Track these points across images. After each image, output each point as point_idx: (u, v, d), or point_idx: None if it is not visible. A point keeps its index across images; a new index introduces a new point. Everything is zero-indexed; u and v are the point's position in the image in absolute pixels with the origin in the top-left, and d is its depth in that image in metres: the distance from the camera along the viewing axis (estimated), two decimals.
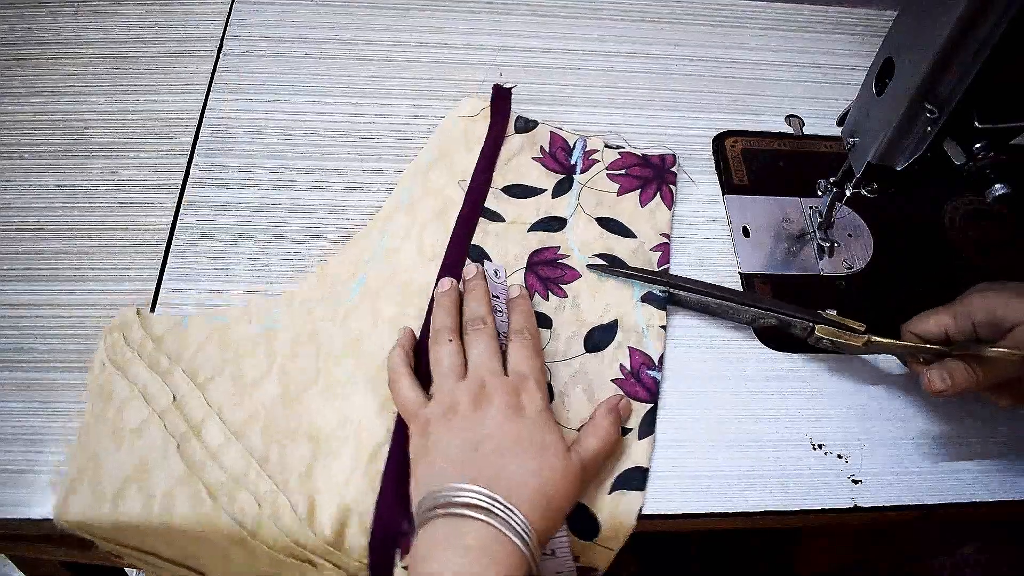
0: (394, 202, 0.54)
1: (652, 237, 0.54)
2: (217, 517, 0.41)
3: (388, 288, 0.50)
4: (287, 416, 0.45)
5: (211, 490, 0.42)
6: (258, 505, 0.42)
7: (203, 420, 0.44)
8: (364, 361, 0.47)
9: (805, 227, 0.57)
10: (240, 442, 0.43)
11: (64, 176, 0.54)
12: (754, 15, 0.70)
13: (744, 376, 0.50)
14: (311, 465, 0.43)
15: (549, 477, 0.40)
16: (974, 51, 0.39)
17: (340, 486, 0.43)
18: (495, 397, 0.42)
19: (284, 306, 0.49)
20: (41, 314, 0.48)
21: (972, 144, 0.43)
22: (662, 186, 0.57)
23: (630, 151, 0.58)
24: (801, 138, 0.62)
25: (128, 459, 0.42)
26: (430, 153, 0.56)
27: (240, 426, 0.44)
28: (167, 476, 0.42)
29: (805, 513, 0.46)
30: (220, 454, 0.43)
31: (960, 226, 0.58)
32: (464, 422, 0.41)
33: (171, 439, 0.43)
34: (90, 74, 0.59)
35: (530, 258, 0.52)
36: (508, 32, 0.66)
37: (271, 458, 0.43)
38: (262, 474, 0.42)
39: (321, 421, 0.45)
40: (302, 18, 0.64)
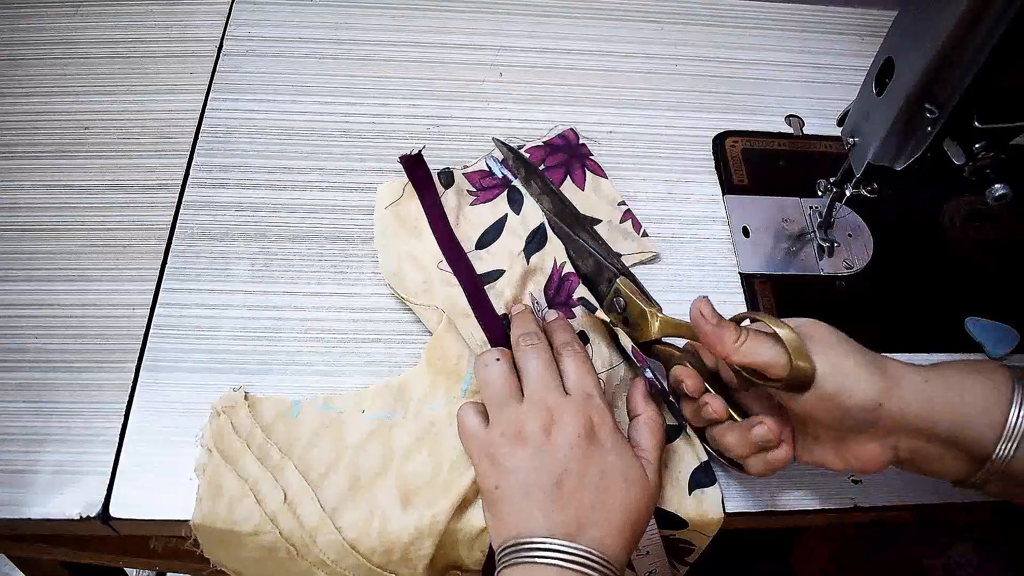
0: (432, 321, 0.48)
1: (612, 211, 0.55)
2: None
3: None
4: (406, 518, 0.42)
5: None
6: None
7: (320, 525, 0.41)
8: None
9: (805, 227, 0.57)
10: (359, 548, 0.41)
11: (64, 176, 0.54)
12: (754, 15, 0.70)
13: None
14: (434, 558, 0.42)
15: (635, 507, 0.39)
16: (974, 51, 0.39)
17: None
18: (566, 423, 0.40)
19: (398, 395, 0.46)
20: (41, 314, 0.48)
21: (972, 144, 0.43)
22: (584, 161, 0.57)
23: (533, 145, 0.58)
24: (801, 138, 0.62)
25: (251, 555, 0.42)
26: (389, 264, 0.50)
27: (359, 529, 0.41)
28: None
29: (805, 513, 0.46)
30: (338, 563, 0.41)
31: (960, 226, 0.58)
32: (537, 453, 0.39)
33: (289, 547, 0.41)
34: (90, 74, 0.59)
35: (545, 294, 0.51)
36: (508, 32, 0.65)
37: (393, 562, 0.41)
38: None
39: (439, 518, 0.42)
40: (302, 18, 0.64)
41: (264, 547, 0.41)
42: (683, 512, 0.44)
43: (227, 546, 0.42)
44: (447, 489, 0.42)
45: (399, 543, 0.41)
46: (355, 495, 0.42)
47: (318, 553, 0.41)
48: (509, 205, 0.54)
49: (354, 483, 0.43)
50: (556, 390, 0.41)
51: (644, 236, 0.54)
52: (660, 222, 0.56)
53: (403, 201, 0.53)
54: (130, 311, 0.48)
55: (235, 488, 0.42)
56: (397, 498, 0.42)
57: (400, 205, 0.53)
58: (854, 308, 0.54)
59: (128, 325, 0.48)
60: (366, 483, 0.43)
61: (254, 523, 0.41)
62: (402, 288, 0.49)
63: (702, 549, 0.46)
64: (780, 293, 0.53)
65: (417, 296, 0.49)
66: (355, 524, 0.42)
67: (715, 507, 0.44)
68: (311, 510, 0.41)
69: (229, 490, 0.42)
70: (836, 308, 0.53)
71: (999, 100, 0.41)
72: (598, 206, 0.55)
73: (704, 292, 0.53)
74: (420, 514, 0.42)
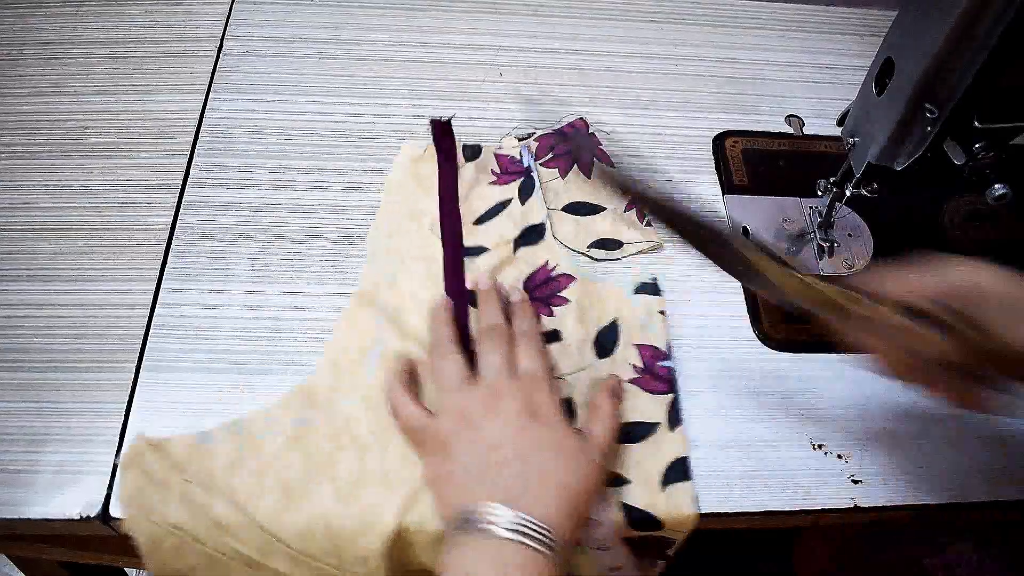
0: (373, 277, 0.51)
1: (618, 201, 0.56)
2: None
3: (406, 350, 0.48)
4: (349, 513, 0.42)
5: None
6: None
7: (265, 547, 0.42)
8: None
9: (805, 227, 0.57)
10: (308, 556, 0.42)
11: (64, 176, 0.54)
12: (754, 15, 0.70)
13: (744, 376, 0.50)
14: (385, 544, 0.42)
15: (572, 479, 0.40)
16: (974, 51, 0.39)
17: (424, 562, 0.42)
18: (508, 401, 0.42)
19: (306, 401, 0.46)
20: (41, 314, 0.48)
21: (972, 144, 0.43)
22: (595, 151, 0.58)
23: (542, 134, 0.59)
24: (801, 138, 0.62)
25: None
26: (388, 214, 0.53)
27: (302, 537, 0.42)
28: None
29: (805, 513, 0.46)
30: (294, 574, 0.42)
31: (960, 226, 0.58)
32: (478, 433, 0.41)
33: (241, 568, 0.41)
34: (90, 74, 0.59)
35: (526, 285, 0.51)
36: (508, 32, 0.65)
37: (345, 560, 0.42)
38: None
39: (385, 512, 0.42)
40: (302, 18, 0.64)
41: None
42: (655, 509, 0.44)
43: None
44: (385, 480, 0.43)
45: (345, 538, 0.42)
46: (291, 504, 0.42)
47: (275, 570, 0.41)
48: (518, 193, 0.55)
49: (287, 493, 0.43)
50: (506, 374, 0.43)
51: (648, 225, 0.55)
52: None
53: (423, 159, 0.56)
54: (130, 311, 0.48)
55: (171, 539, 0.41)
56: (333, 496, 0.43)
57: (420, 163, 0.55)
58: None
59: (128, 325, 0.48)
60: (299, 490, 0.43)
61: (204, 557, 0.41)
62: (383, 240, 0.52)
63: (681, 541, 0.46)
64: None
65: (398, 250, 0.51)
66: (300, 533, 0.42)
67: (688, 502, 0.44)
68: (253, 534, 0.41)
69: (166, 542, 0.41)
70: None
71: (999, 100, 0.41)
72: (603, 195, 0.56)
73: (704, 292, 0.53)
74: (360, 507, 0.42)
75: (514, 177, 0.56)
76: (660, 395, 0.48)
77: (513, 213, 0.54)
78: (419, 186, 0.55)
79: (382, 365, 0.47)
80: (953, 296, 0.39)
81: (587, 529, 0.43)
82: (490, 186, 0.55)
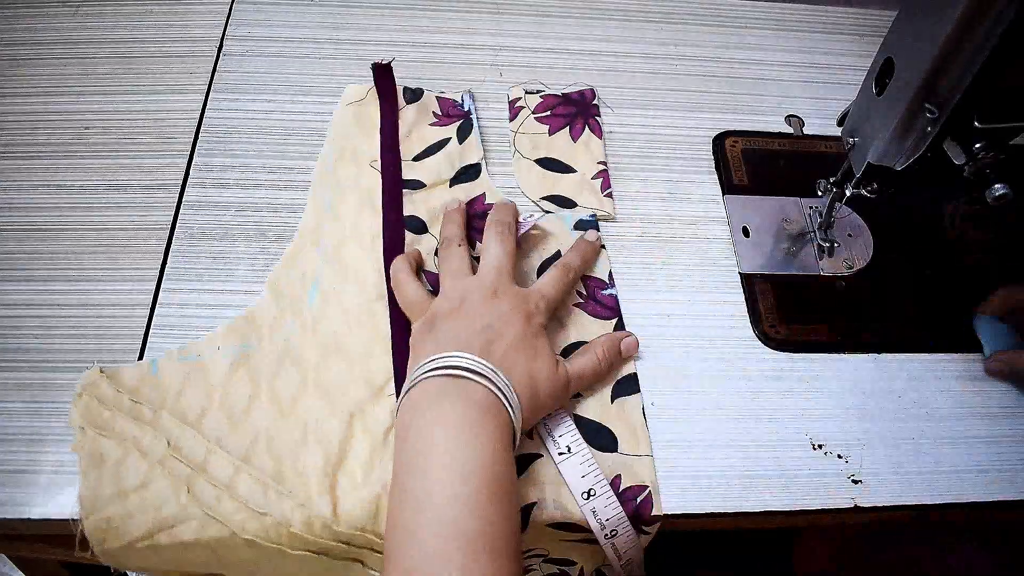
0: (315, 211, 0.53)
1: (591, 167, 0.57)
2: (252, 543, 0.41)
3: (345, 285, 0.50)
4: (289, 429, 0.45)
5: (234, 522, 0.41)
6: (289, 522, 0.41)
7: (206, 457, 0.43)
8: (349, 357, 0.47)
9: (805, 227, 0.57)
10: (249, 467, 0.43)
11: (64, 176, 0.54)
12: (754, 15, 0.70)
13: (744, 376, 0.50)
14: (326, 466, 0.43)
15: (538, 376, 0.43)
16: (974, 51, 0.39)
17: (362, 475, 0.43)
18: (506, 298, 0.45)
19: (248, 327, 0.48)
20: (41, 314, 0.48)
21: (972, 144, 0.43)
22: (588, 119, 0.60)
23: (551, 93, 0.61)
24: (801, 138, 0.62)
25: (143, 517, 0.41)
26: (332, 151, 0.56)
27: (245, 452, 0.43)
28: (188, 524, 0.41)
29: (805, 513, 0.46)
30: (233, 485, 0.42)
31: (960, 226, 0.58)
32: (473, 311, 0.44)
33: (181, 485, 0.42)
34: (90, 74, 0.59)
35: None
36: (508, 32, 0.65)
37: (286, 474, 0.43)
38: (282, 492, 0.42)
39: (324, 424, 0.45)
40: (302, 18, 0.64)
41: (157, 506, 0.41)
42: (607, 421, 0.47)
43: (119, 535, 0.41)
44: (327, 398, 0.46)
45: (286, 452, 0.44)
46: (235, 427, 0.44)
47: (206, 486, 0.42)
48: (456, 133, 0.58)
49: (231, 416, 0.45)
50: (508, 277, 0.47)
51: (607, 197, 0.56)
52: (660, 222, 0.56)
53: (365, 102, 0.58)
54: (130, 311, 0.48)
55: (116, 451, 0.43)
56: (276, 414, 0.45)
57: (361, 105, 0.58)
58: (854, 308, 0.54)
59: (128, 325, 0.48)
60: (242, 412, 0.45)
61: (141, 474, 0.42)
62: (325, 177, 0.54)
63: (651, 490, 0.45)
64: (780, 293, 0.53)
65: (339, 184, 0.54)
66: (240, 450, 0.44)
67: (638, 414, 0.47)
68: (196, 448, 0.43)
69: (110, 455, 0.43)
70: (836, 308, 0.53)
71: (999, 100, 0.41)
72: (580, 159, 0.58)
73: (704, 292, 0.53)
74: (301, 422, 0.45)
75: (454, 120, 0.58)
76: (605, 319, 0.51)
77: (451, 152, 0.57)
78: (361, 127, 0.57)
79: (322, 296, 0.49)
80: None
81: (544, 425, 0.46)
82: (430, 127, 0.58)
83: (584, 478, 0.44)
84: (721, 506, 0.45)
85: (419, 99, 0.59)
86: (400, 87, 0.59)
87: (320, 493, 0.42)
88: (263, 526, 0.41)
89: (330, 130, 0.57)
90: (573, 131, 0.59)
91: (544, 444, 0.46)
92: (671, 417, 0.48)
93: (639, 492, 0.45)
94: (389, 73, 0.58)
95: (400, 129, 0.57)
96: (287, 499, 0.42)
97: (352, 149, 0.56)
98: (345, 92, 0.59)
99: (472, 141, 0.57)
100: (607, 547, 0.43)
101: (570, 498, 0.44)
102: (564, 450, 0.45)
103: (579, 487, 0.44)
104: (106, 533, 0.41)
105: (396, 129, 0.57)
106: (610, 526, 0.43)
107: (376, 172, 0.55)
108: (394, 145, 0.56)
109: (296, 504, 0.42)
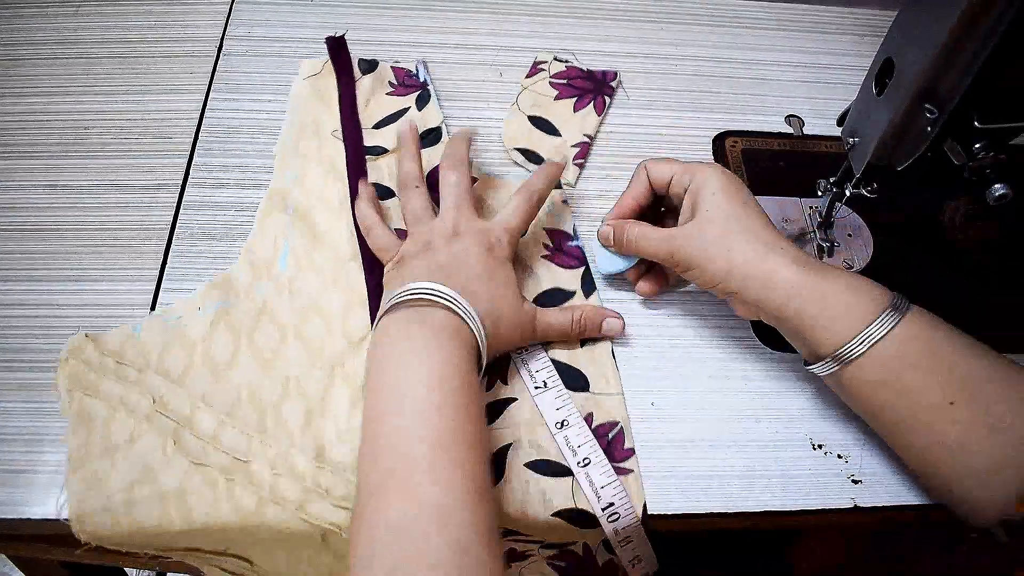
0: (281, 183, 0.54)
1: (575, 136, 0.59)
2: (235, 495, 0.42)
3: (316, 247, 0.51)
4: (272, 383, 0.46)
5: (220, 471, 0.42)
6: (271, 468, 0.43)
7: (191, 412, 0.44)
8: (327, 314, 0.49)
9: (805, 227, 0.57)
10: (233, 420, 0.44)
11: (64, 176, 0.54)
12: (754, 15, 0.70)
13: (744, 376, 0.50)
14: (308, 413, 0.45)
15: (501, 305, 0.45)
16: (974, 51, 0.39)
17: (345, 424, 0.45)
18: (467, 236, 0.47)
19: (225, 288, 0.49)
20: (41, 314, 0.48)
21: (972, 144, 0.43)
22: (597, 96, 0.61)
23: (576, 65, 0.63)
24: (801, 138, 0.62)
25: (129, 469, 0.42)
26: (292, 125, 0.57)
27: (229, 407, 0.45)
28: (173, 474, 0.42)
29: (805, 513, 0.46)
30: (219, 438, 0.44)
31: (960, 226, 0.58)
32: (435, 255, 0.46)
33: (166, 438, 0.43)
34: (90, 74, 0.59)
35: (428, 179, 0.54)
36: (508, 32, 0.66)
37: (268, 425, 0.44)
38: (266, 442, 0.44)
39: (305, 377, 0.46)
40: (302, 18, 0.64)
41: (143, 458, 0.42)
42: (578, 364, 0.49)
43: (104, 488, 0.42)
44: (307, 352, 0.47)
45: (270, 405, 0.45)
46: (219, 381, 0.45)
47: (192, 439, 0.43)
48: (415, 102, 0.59)
49: (214, 371, 0.46)
50: (469, 215, 0.48)
51: (576, 166, 0.58)
52: None
53: (322, 75, 0.60)
54: (130, 311, 0.48)
55: (103, 410, 0.44)
56: (257, 368, 0.46)
57: (318, 78, 0.60)
58: None
59: (128, 325, 0.48)
60: (224, 366, 0.46)
61: (128, 431, 0.43)
62: (288, 150, 0.55)
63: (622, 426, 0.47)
64: None
65: (304, 154, 0.55)
66: (224, 405, 0.45)
67: (606, 357, 0.49)
68: (181, 403, 0.44)
69: (98, 414, 0.44)
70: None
71: (999, 100, 0.41)
72: (569, 127, 0.59)
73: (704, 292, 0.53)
74: (282, 375, 0.46)
75: (411, 90, 0.60)
76: (572, 269, 0.53)
77: (411, 119, 0.58)
78: (319, 99, 0.58)
79: (295, 259, 0.51)
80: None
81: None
82: (388, 96, 0.60)
83: (558, 411, 0.47)
84: (721, 506, 0.45)
85: (374, 70, 0.60)
86: (355, 59, 0.61)
87: (303, 442, 0.44)
88: (247, 473, 0.43)
89: (289, 105, 0.58)
90: (579, 103, 0.61)
91: (521, 377, 0.48)
92: (671, 417, 0.48)
93: (611, 428, 0.47)
94: (343, 46, 0.61)
95: (358, 99, 0.59)
96: (271, 448, 0.43)
97: (313, 122, 0.57)
98: (301, 67, 0.60)
99: (431, 107, 0.59)
100: (581, 477, 0.44)
101: (545, 436, 0.46)
102: (540, 384, 0.47)
103: (553, 418, 0.46)
104: (91, 488, 0.42)
105: (354, 99, 0.58)
106: (582, 453, 0.45)
107: (338, 141, 0.56)
108: (354, 114, 0.58)
109: (280, 451, 0.43)
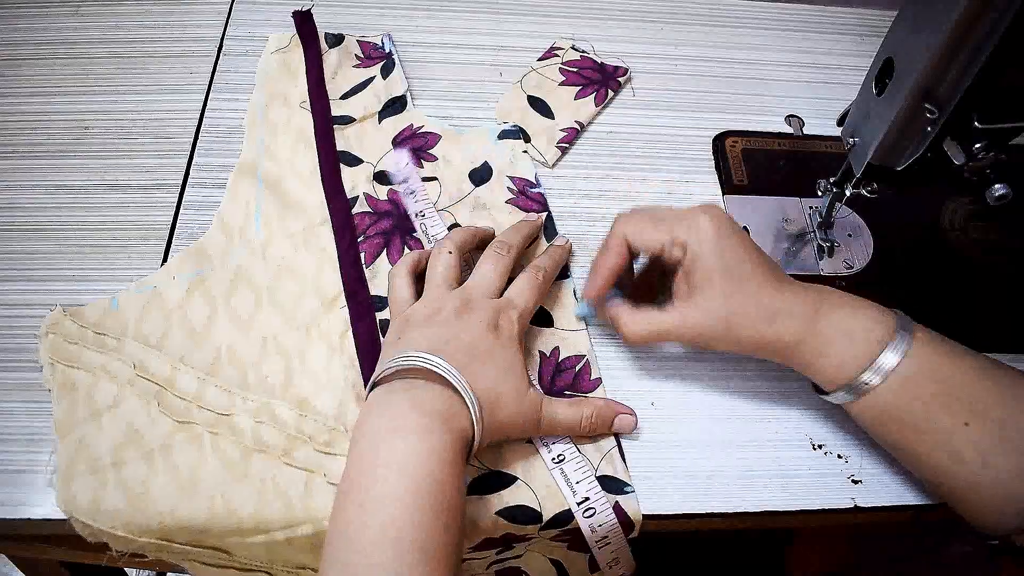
0: (251, 155, 0.55)
1: (567, 121, 0.59)
2: (220, 447, 0.43)
3: (287, 211, 0.52)
4: (250, 343, 0.47)
5: (205, 425, 0.43)
6: (254, 420, 0.44)
7: (172, 374, 0.45)
8: (300, 276, 0.50)
9: (805, 227, 0.57)
10: (215, 379, 0.45)
11: (64, 176, 0.54)
12: (754, 15, 0.70)
13: (744, 376, 0.50)
14: (288, 371, 0.46)
15: (504, 390, 0.42)
16: (974, 51, 0.39)
17: (325, 376, 0.46)
18: (477, 314, 0.44)
19: (199, 257, 0.50)
20: (41, 314, 0.48)
21: (972, 144, 0.43)
22: (600, 88, 0.62)
23: (592, 56, 0.64)
24: (801, 138, 0.62)
25: (114, 431, 0.43)
26: (261, 98, 0.58)
27: (209, 366, 0.46)
28: (158, 432, 0.43)
29: (805, 513, 0.46)
30: (201, 396, 0.44)
31: (960, 226, 0.58)
32: (440, 327, 0.43)
33: (150, 400, 0.44)
34: (90, 74, 0.59)
35: (393, 141, 0.57)
36: (508, 32, 0.65)
37: (250, 381, 0.45)
38: (247, 397, 0.44)
39: (282, 337, 0.47)
40: None
41: (129, 420, 0.43)
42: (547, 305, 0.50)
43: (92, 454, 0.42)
44: (283, 314, 0.48)
45: (250, 363, 0.46)
46: (197, 344, 0.46)
47: (175, 399, 0.44)
48: (380, 71, 0.60)
49: (192, 334, 0.47)
50: (486, 293, 0.46)
51: (558, 149, 0.58)
52: None
53: (289, 49, 0.61)
54: None
55: (86, 378, 0.44)
56: (235, 330, 0.47)
57: (285, 53, 0.61)
58: None
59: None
60: (202, 329, 0.47)
61: (112, 396, 0.44)
62: (256, 123, 0.56)
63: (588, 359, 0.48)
64: None
65: (273, 125, 0.56)
66: (204, 365, 0.46)
67: (568, 295, 0.51)
68: (161, 366, 0.45)
69: (81, 382, 0.44)
70: None
71: (999, 100, 0.41)
72: (563, 112, 0.60)
73: None
74: (260, 336, 0.47)
75: (376, 60, 0.61)
76: (535, 212, 0.54)
77: (377, 88, 0.59)
78: (287, 72, 0.59)
79: (266, 224, 0.52)
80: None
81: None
82: (354, 68, 0.60)
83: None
84: (721, 506, 0.45)
85: (341, 43, 0.61)
86: (322, 32, 0.61)
87: (286, 396, 0.45)
88: (230, 425, 0.43)
89: (257, 78, 0.59)
90: (582, 92, 0.61)
91: None
92: (671, 417, 0.48)
93: (577, 362, 0.48)
94: (310, 19, 0.62)
95: (325, 72, 0.59)
96: (252, 401, 0.44)
97: (281, 94, 0.58)
98: (268, 42, 0.61)
99: (396, 76, 0.60)
100: (556, 474, 0.44)
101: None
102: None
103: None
104: (78, 452, 0.42)
105: (321, 72, 0.59)
106: (556, 450, 0.45)
107: (306, 112, 0.57)
108: (320, 84, 0.59)
109: (262, 404, 0.44)
